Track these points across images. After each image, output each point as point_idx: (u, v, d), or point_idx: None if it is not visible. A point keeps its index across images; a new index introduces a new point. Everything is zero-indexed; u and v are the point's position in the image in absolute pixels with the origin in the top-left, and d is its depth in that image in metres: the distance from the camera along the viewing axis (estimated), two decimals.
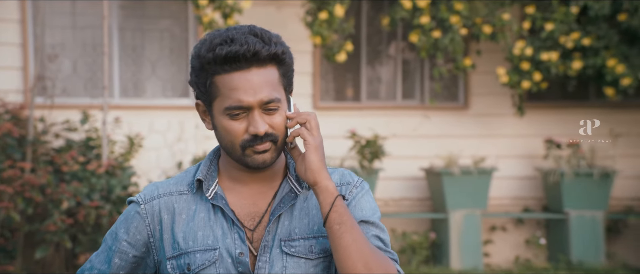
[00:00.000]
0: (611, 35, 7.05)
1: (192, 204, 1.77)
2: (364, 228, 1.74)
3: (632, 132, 7.72)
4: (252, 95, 1.67)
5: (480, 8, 6.92)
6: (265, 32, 1.70)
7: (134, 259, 1.80)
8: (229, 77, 1.68)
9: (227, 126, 1.70)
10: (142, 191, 1.82)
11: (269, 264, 1.72)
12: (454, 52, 6.92)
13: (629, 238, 7.78)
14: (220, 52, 1.67)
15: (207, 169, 1.78)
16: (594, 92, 7.79)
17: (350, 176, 1.80)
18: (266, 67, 1.69)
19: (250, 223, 1.75)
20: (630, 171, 7.66)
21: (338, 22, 6.82)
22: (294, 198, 1.75)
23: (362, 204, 1.77)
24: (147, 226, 1.79)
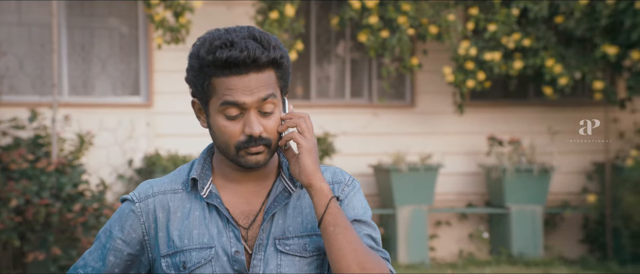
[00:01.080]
0: (549, 37, 7.20)
1: (186, 202, 1.75)
2: (357, 227, 1.74)
3: (569, 129, 7.89)
4: (249, 95, 1.66)
5: (426, 9, 6.98)
6: (264, 36, 1.68)
7: (128, 257, 1.77)
8: (227, 80, 1.66)
9: (223, 126, 1.68)
10: (136, 189, 1.79)
11: (263, 262, 1.71)
12: (402, 52, 6.97)
13: (565, 231, 7.95)
14: (220, 56, 1.65)
15: (201, 167, 1.76)
16: (533, 91, 7.93)
17: (342, 175, 1.79)
18: (264, 71, 1.66)
19: (245, 222, 1.73)
20: (567, 167, 7.83)
21: (288, 21, 6.80)
22: (288, 197, 1.74)
23: (354, 203, 1.77)
24: (142, 224, 1.76)
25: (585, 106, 7.96)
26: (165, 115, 7.39)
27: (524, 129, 7.78)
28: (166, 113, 7.39)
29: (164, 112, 7.38)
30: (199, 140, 7.37)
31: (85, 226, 6.26)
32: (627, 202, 7.02)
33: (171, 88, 7.40)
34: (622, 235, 7.27)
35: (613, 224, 7.46)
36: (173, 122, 7.38)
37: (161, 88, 7.39)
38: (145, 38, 7.34)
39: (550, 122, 7.81)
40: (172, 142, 7.28)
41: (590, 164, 7.93)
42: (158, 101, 7.37)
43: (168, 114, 7.39)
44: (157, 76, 7.37)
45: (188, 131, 7.41)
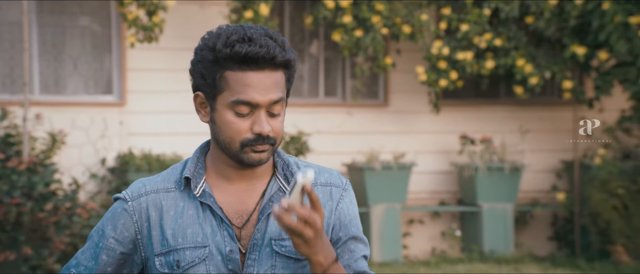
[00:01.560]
0: (520, 37, 7.25)
1: (180, 201, 1.73)
2: (355, 246, 1.74)
3: (539, 128, 7.95)
4: (262, 94, 1.65)
5: (400, 9, 6.98)
6: (278, 36, 1.69)
7: (121, 255, 1.75)
8: (243, 74, 1.65)
9: (231, 121, 1.67)
10: (129, 188, 1.77)
11: (258, 262, 1.69)
12: (375, 51, 6.96)
13: (535, 229, 8.01)
14: (239, 49, 1.64)
15: (195, 166, 1.74)
16: (504, 91, 7.98)
17: (339, 178, 1.78)
18: (278, 71, 1.67)
19: (238, 221, 1.71)
20: (537, 166, 7.89)
21: (263, 20, 6.76)
22: (283, 197, 1.72)
23: (352, 213, 1.76)
24: (135, 223, 1.73)
25: (555, 105, 8.03)
26: (138, 114, 7.30)
27: (495, 128, 7.82)
28: (140, 112, 7.30)
29: (138, 111, 7.30)
30: (172, 139, 7.31)
31: (58, 226, 6.16)
32: (595, 200, 7.09)
33: (145, 87, 7.31)
34: (590, 232, 7.35)
35: (581, 222, 7.53)
36: (146, 121, 7.30)
37: (134, 87, 7.30)
38: (118, 37, 7.25)
39: (520, 121, 7.86)
40: (146, 141, 7.20)
41: (559, 162, 8.00)
42: (131, 99, 7.28)
43: (141, 113, 7.31)
44: (131, 74, 7.29)
45: (162, 129, 7.33)
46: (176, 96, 7.35)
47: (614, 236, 7.05)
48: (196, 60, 1.69)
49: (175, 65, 7.33)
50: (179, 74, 7.37)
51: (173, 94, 7.36)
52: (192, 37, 7.38)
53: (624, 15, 6.97)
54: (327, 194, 1.75)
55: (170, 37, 7.14)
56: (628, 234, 7.07)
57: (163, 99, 7.32)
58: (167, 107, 7.33)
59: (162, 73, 7.33)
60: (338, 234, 1.74)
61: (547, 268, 7.10)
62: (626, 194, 7.05)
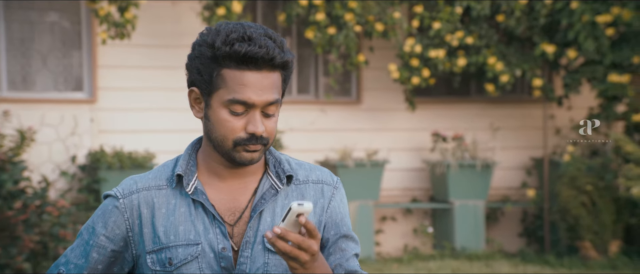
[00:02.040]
0: (491, 35, 7.29)
1: (171, 198, 1.71)
2: (346, 244, 1.74)
3: (510, 125, 8.01)
4: (259, 95, 1.64)
5: (373, 6, 6.97)
6: (277, 37, 1.67)
7: (111, 253, 1.72)
8: (241, 74, 1.64)
9: (225, 120, 1.65)
10: (120, 185, 1.74)
11: (250, 260, 1.68)
12: (348, 49, 6.95)
13: (505, 225, 8.06)
14: (239, 49, 1.62)
15: (187, 163, 1.72)
16: (475, 88, 8.02)
17: (330, 176, 1.77)
18: (275, 71, 1.66)
19: (231, 218, 1.70)
20: (507, 163, 7.94)
21: (236, 18, 6.70)
22: (275, 194, 1.71)
23: (343, 211, 1.76)
24: (126, 220, 1.71)
25: (525, 102, 8.09)
26: (110, 111, 7.20)
27: (467, 126, 7.86)
28: (111, 109, 7.20)
29: (109, 108, 7.19)
30: (144, 136, 7.22)
31: (27, 224, 6.04)
32: (564, 197, 7.16)
33: (116, 84, 7.21)
34: (559, 228, 7.41)
35: (550, 218, 7.59)
36: (118, 118, 7.20)
37: (106, 84, 7.19)
38: (88, 33, 7.14)
39: (491, 119, 7.91)
40: (118, 138, 7.10)
41: (529, 159, 8.06)
42: (102, 96, 7.17)
43: (113, 110, 7.21)
44: (102, 71, 7.18)
45: (134, 127, 7.23)
46: (148, 93, 7.27)
47: (582, 232, 7.12)
48: (193, 55, 1.66)
49: (147, 63, 7.24)
50: (150, 71, 7.28)
51: (145, 91, 7.27)
52: (163, 34, 7.31)
53: (592, 14, 7.04)
54: (319, 192, 1.74)
55: (142, 34, 7.05)
56: (596, 230, 7.14)
57: (135, 96, 7.23)
58: (139, 105, 7.24)
59: (133, 70, 7.23)
60: (329, 232, 1.74)
61: (517, 264, 7.14)
62: (594, 191, 7.13)
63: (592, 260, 7.09)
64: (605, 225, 7.14)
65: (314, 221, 1.72)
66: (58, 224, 6.24)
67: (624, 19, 7.05)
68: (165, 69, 7.32)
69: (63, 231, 6.24)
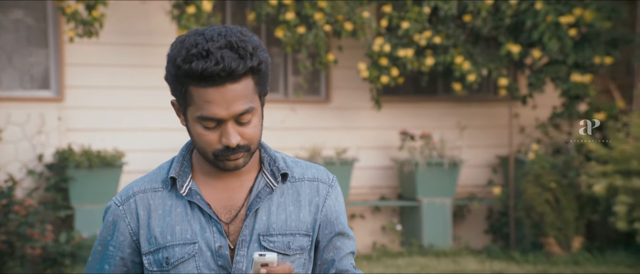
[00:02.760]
0: (458, 35, 7.35)
1: (167, 200, 1.70)
2: (341, 242, 1.74)
3: (476, 124, 8.08)
4: (225, 109, 1.60)
5: (342, 6, 6.99)
6: (241, 42, 1.60)
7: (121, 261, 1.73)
8: (204, 91, 1.60)
9: (201, 134, 1.64)
10: (119, 193, 1.75)
11: (247, 258, 1.67)
12: (318, 48, 6.95)
13: (471, 222, 8.14)
14: (196, 68, 1.58)
15: (180, 165, 1.71)
16: (442, 87, 8.08)
17: (326, 174, 1.77)
18: (241, 81, 1.60)
19: (226, 216, 1.69)
20: (474, 161, 8.01)
21: (206, 16, 6.66)
22: (270, 193, 1.70)
23: (338, 209, 1.76)
24: (128, 225, 1.71)
25: (491, 101, 8.18)
26: (77, 109, 7.10)
27: (434, 124, 7.91)
28: (79, 107, 7.10)
29: (77, 106, 7.10)
30: (113, 135, 7.13)
31: None
32: (528, 194, 7.25)
33: (84, 82, 7.12)
34: (524, 225, 7.50)
35: (516, 215, 7.68)
36: (86, 117, 7.10)
37: (73, 82, 7.10)
38: (55, 31, 7.04)
39: (458, 118, 7.98)
40: (86, 136, 7.01)
41: (494, 157, 8.15)
42: (70, 95, 7.07)
43: (81, 109, 7.11)
44: (69, 69, 7.08)
45: (102, 125, 7.15)
46: (117, 92, 7.19)
47: (546, 228, 7.22)
48: (166, 70, 1.65)
49: (116, 61, 7.16)
50: (119, 70, 7.21)
51: (114, 89, 7.19)
52: (132, 33, 7.23)
53: (555, 15, 7.14)
54: (314, 190, 1.74)
55: (110, 32, 6.97)
56: (559, 226, 7.25)
57: (103, 95, 7.14)
58: (108, 103, 7.16)
59: (102, 68, 7.15)
60: (324, 231, 1.74)
61: (484, 261, 7.22)
62: (558, 188, 7.23)
63: (556, 256, 7.20)
64: (568, 222, 7.25)
65: (309, 220, 1.71)
66: (25, 224, 6.14)
67: (585, 20, 7.16)
68: (134, 67, 7.25)
69: (30, 230, 6.14)
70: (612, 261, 7.03)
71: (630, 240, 7.29)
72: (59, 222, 6.82)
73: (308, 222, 1.71)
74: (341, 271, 1.73)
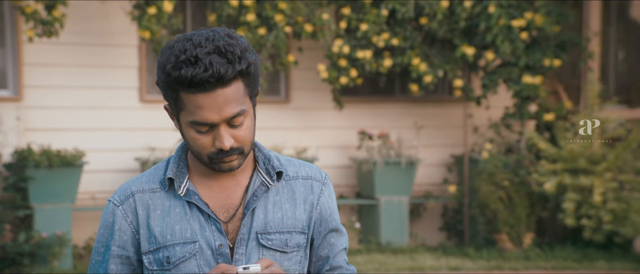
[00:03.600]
0: (415, 37, 7.46)
1: (165, 200, 1.71)
2: (335, 239, 1.77)
3: (432, 124, 8.21)
4: (216, 113, 1.61)
5: (302, 8, 7.04)
6: (229, 47, 1.60)
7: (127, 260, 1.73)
8: (194, 97, 1.61)
9: (194, 138, 1.65)
10: (115, 193, 1.74)
11: (245, 256, 1.69)
12: (278, 49, 6.99)
13: (427, 220, 8.27)
14: (185, 75, 1.58)
15: (177, 166, 1.72)
16: (399, 88, 8.19)
17: (319, 172, 1.79)
18: (231, 85, 1.61)
19: (225, 215, 1.71)
20: (430, 160, 8.14)
21: (166, 17, 6.65)
22: (266, 191, 1.72)
23: (331, 206, 1.78)
24: (130, 223, 1.71)
25: (446, 102, 8.32)
26: (36, 109, 7.01)
27: (392, 124, 8.02)
28: (38, 107, 7.02)
29: (36, 106, 7.01)
30: (73, 134, 7.06)
31: None
32: (483, 192, 7.39)
33: (43, 82, 7.03)
34: (477, 222, 7.65)
35: (470, 213, 7.84)
36: (45, 117, 7.02)
37: (32, 82, 7.00)
38: (12, 30, 6.93)
39: (415, 118, 8.10)
40: (45, 136, 6.92)
41: (449, 157, 8.29)
42: (28, 94, 6.98)
43: (40, 108, 7.02)
44: (28, 69, 6.98)
45: (62, 125, 7.07)
46: (76, 92, 7.12)
47: (499, 225, 7.38)
48: (157, 76, 1.66)
49: (75, 61, 7.09)
50: (79, 70, 7.14)
51: (73, 89, 7.12)
52: (92, 33, 7.17)
53: (508, 19, 7.31)
54: (309, 188, 1.76)
55: (70, 32, 6.90)
56: (512, 223, 7.42)
57: (63, 95, 7.07)
58: (68, 103, 7.08)
59: (61, 68, 7.07)
60: (319, 228, 1.76)
61: (440, 257, 7.34)
62: (510, 186, 7.40)
63: (508, 252, 7.36)
64: (520, 219, 7.42)
65: (304, 218, 1.73)
66: None
67: (536, 24, 7.35)
68: (94, 67, 7.19)
69: None
70: (560, 256, 7.22)
71: (577, 236, 7.50)
72: (17, 222, 6.72)
73: (303, 220, 1.73)
74: (335, 267, 1.76)
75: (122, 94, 7.25)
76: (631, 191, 7.00)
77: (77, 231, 6.98)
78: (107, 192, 7.18)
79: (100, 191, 7.19)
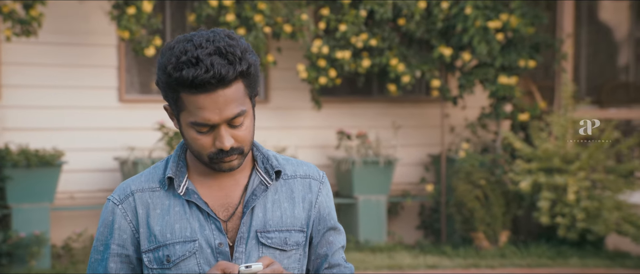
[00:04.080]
0: (393, 37, 7.51)
1: (165, 199, 1.71)
2: (333, 237, 1.78)
3: (410, 124, 8.27)
4: (217, 114, 1.62)
5: (281, 8, 7.05)
6: (230, 47, 1.60)
7: (127, 259, 1.73)
8: (195, 98, 1.61)
9: (194, 138, 1.65)
10: (114, 192, 1.74)
11: (245, 255, 1.70)
12: (258, 49, 7.00)
13: (404, 218, 8.32)
14: (186, 76, 1.59)
15: (176, 165, 1.72)
16: (376, 88, 8.24)
17: (316, 171, 1.80)
18: (232, 85, 1.61)
19: (224, 214, 1.72)
20: (408, 159, 8.20)
21: (146, 17, 6.63)
22: (265, 190, 1.73)
23: (329, 205, 1.80)
24: (130, 222, 1.72)
25: (423, 102, 8.38)
26: (15, 109, 6.95)
27: (370, 124, 8.06)
28: (16, 107, 6.96)
29: (14, 105, 6.95)
30: (52, 134, 7.01)
31: None
32: (460, 191, 7.46)
33: (22, 81, 6.98)
34: (454, 221, 7.72)
35: (447, 211, 7.90)
36: (24, 116, 6.96)
37: (11, 81, 6.94)
38: None
39: (393, 117, 8.15)
40: (23, 136, 6.87)
41: (426, 156, 8.35)
42: (7, 94, 6.92)
43: (18, 108, 6.97)
44: (6, 68, 6.92)
45: (40, 125, 7.02)
46: (55, 91, 7.07)
47: (475, 223, 7.45)
48: (157, 76, 1.66)
49: (54, 60, 7.04)
50: (58, 69, 7.09)
51: (52, 89, 7.07)
52: (71, 32, 7.12)
53: (484, 20, 7.39)
54: (307, 187, 1.77)
55: (49, 31, 6.86)
56: (488, 221, 7.49)
57: (42, 94, 7.02)
58: (46, 102, 7.03)
59: (40, 68, 7.02)
60: (318, 226, 1.77)
61: (417, 255, 7.39)
62: (487, 185, 7.47)
63: (485, 250, 7.43)
64: (496, 217, 7.50)
65: (303, 216, 1.74)
66: None
67: (511, 25, 7.43)
68: (72, 67, 7.15)
69: None
70: (535, 253, 7.31)
71: (551, 234, 7.60)
72: None
73: (302, 218, 1.74)
74: (334, 265, 1.77)
75: (101, 93, 7.21)
76: (603, 190, 7.11)
77: (56, 231, 6.94)
78: (85, 192, 7.15)
79: (79, 191, 7.15)
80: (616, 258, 7.16)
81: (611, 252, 7.32)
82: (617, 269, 6.85)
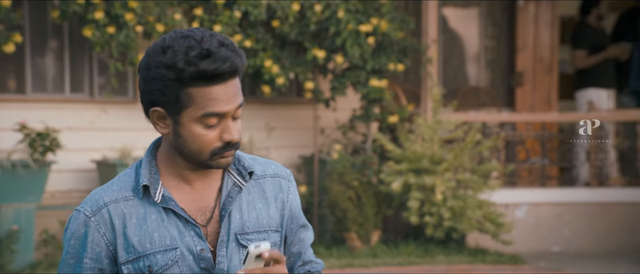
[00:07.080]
0: (267, 39, 7.43)
1: (140, 208, 1.64)
2: (304, 235, 1.80)
3: (283, 125, 8.21)
4: (229, 103, 1.63)
5: (152, 7, 6.79)
6: (228, 41, 1.63)
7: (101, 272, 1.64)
8: (209, 90, 1.60)
9: (200, 134, 1.61)
10: (85, 203, 1.64)
11: (227, 258, 1.66)
12: (128, 49, 6.70)
13: None
14: (204, 68, 1.57)
15: (149, 172, 1.66)
16: (249, 89, 8.12)
17: (284, 170, 1.81)
18: (236, 77, 1.66)
19: (202, 219, 1.67)
20: (280, 160, 8.12)
21: (4, 12, 6.18)
22: (239, 192, 1.71)
23: (298, 203, 1.80)
24: (103, 235, 1.63)
25: (297, 104, 8.35)
26: None
27: (244, 126, 7.93)
28: None
29: None
30: None
31: None
32: (333, 192, 7.49)
33: None
34: (327, 221, 7.74)
35: (320, 212, 7.91)
36: None
37: None
38: None
39: (266, 119, 8.06)
40: None
41: (298, 157, 8.33)
42: None
43: None
44: None
45: None
46: None
47: (348, 224, 7.50)
48: (149, 77, 1.59)
49: None
50: None
51: None
52: None
53: (356, 23, 7.45)
54: (277, 186, 1.76)
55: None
56: (361, 222, 7.56)
57: None
58: None
59: None
60: (290, 225, 1.78)
61: None
62: (359, 186, 7.54)
63: (357, 250, 7.50)
64: (368, 217, 7.59)
65: (277, 216, 1.73)
66: None
67: (381, 30, 7.54)
68: None
69: None
70: (405, 252, 7.46)
71: (419, 233, 7.78)
72: None
73: (277, 218, 1.74)
74: (307, 262, 1.80)
75: None
76: (466, 189, 7.35)
77: None
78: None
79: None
80: (477, 254, 7.43)
81: (472, 249, 7.58)
82: (478, 265, 7.09)
